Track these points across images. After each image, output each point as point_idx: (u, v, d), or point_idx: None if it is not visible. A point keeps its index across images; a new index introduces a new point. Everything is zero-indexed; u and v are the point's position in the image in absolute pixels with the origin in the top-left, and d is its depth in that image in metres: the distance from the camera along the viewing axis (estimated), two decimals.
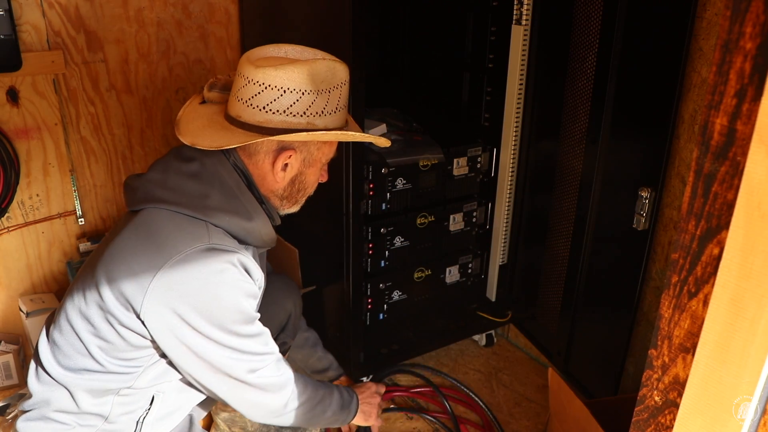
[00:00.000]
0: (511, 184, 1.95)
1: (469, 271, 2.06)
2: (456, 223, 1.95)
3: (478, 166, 1.92)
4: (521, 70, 1.79)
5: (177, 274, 1.07)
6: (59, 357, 1.18)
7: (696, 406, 0.59)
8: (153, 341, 1.14)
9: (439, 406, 1.87)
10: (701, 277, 0.55)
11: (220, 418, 1.64)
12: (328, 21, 1.57)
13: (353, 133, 1.19)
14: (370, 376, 1.95)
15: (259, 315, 1.22)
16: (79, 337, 1.15)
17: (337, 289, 1.81)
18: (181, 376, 1.24)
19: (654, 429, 0.65)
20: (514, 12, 1.75)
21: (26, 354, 1.97)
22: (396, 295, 1.93)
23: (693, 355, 0.58)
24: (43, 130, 1.84)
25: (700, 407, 0.58)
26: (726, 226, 0.52)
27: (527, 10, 1.72)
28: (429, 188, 1.85)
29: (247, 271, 1.16)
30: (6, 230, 1.87)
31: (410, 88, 2.25)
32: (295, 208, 1.30)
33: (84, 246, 1.97)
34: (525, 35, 1.75)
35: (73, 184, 1.93)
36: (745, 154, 0.49)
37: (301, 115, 1.12)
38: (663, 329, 0.60)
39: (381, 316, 1.93)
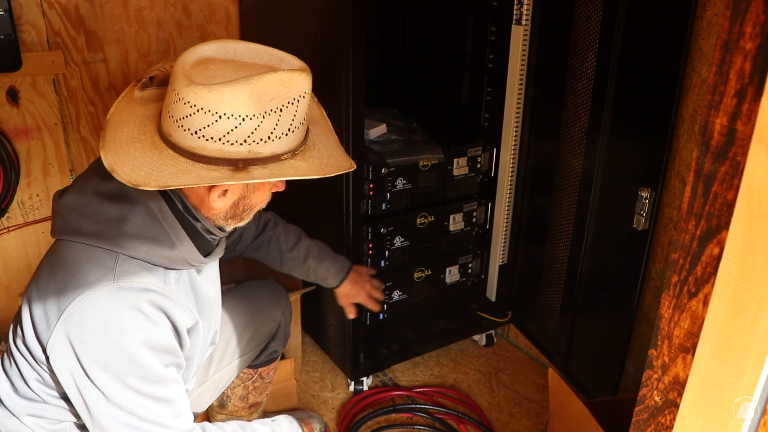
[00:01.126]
0: (511, 184, 1.95)
1: (469, 271, 2.06)
2: (456, 223, 1.95)
3: (478, 166, 1.92)
4: (521, 70, 1.79)
5: (78, 317, 0.97)
6: (12, 385, 1.13)
7: (696, 406, 0.59)
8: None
9: (439, 405, 1.87)
10: (701, 277, 0.55)
11: (218, 420, 1.65)
12: (328, 21, 1.57)
13: (293, 175, 0.97)
14: (370, 377, 1.95)
15: (173, 376, 1.07)
16: (19, 368, 1.10)
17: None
18: None
19: (654, 429, 0.65)
20: (514, 12, 1.75)
21: None
22: (396, 295, 1.93)
23: (693, 355, 0.58)
24: (43, 130, 1.84)
25: (700, 407, 0.58)
26: (726, 226, 0.52)
27: (527, 10, 1.73)
28: (429, 188, 1.85)
29: (163, 311, 1.03)
30: (6, 230, 1.87)
31: (410, 88, 2.25)
32: (243, 223, 1.14)
33: None
34: (525, 35, 1.75)
35: None
36: (745, 154, 0.49)
37: (241, 144, 0.93)
38: (663, 329, 0.61)
39: (381, 316, 1.93)
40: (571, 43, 1.66)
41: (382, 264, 1.86)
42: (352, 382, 1.93)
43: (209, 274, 1.24)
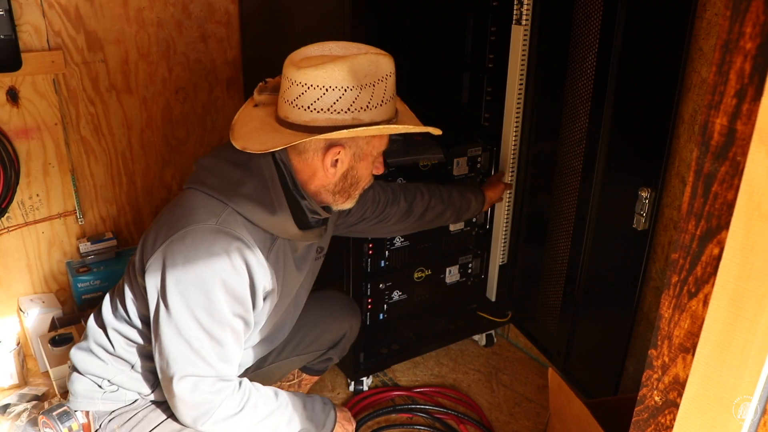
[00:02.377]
0: (511, 184, 1.95)
1: (469, 271, 2.06)
2: (456, 223, 1.95)
3: (478, 166, 1.92)
4: (521, 70, 1.79)
5: (179, 243, 1.14)
6: (113, 302, 1.33)
7: (696, 406, 0.59)
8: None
9: (439, 406, 1.87)
10: (701, 277, 0.55)
11: None
12: (328, 21, 1.57)
13: (397, 126, 1.19)
14: (370, 377, 1.95)
15: (235, 325, 1.19)
16: (123, 289, 1.29)
17: (337, 289, 1.81)
18: None
19: (654, 429, 0.65)
20: (514, 12, 1.75)
21: (26, 354, 1.97)
22: (396, 295, 1.93)
23: (693, 355, 0.58)
24: (43, 130, 1.84)
25: (700, 407, 0.58)
26: (726, 226, 0.52)
27: (527, 10, 1.72)
28: None
29: (247, 264, 1.17)
30: (6, 230, 1.87)
31: (410, 88, 2.24)
32: (349, 204, 1.31)
33: (84, 246, 1.97)
34: (525, 35, 1.75)
35: (73, 184, 1.93)
36: (745, 154, 0.49)
37: (346, 112, 1.13)
38: (663, 329, 0.61)
39: (381, 316, 1.93)
40: (571, 43, 1.66)
41: (382, 264, 1.86)
42: (352, 382, 1.93)
43: (305, 258, 1.38)
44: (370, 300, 1.88)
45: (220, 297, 1.15)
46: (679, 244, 0.57)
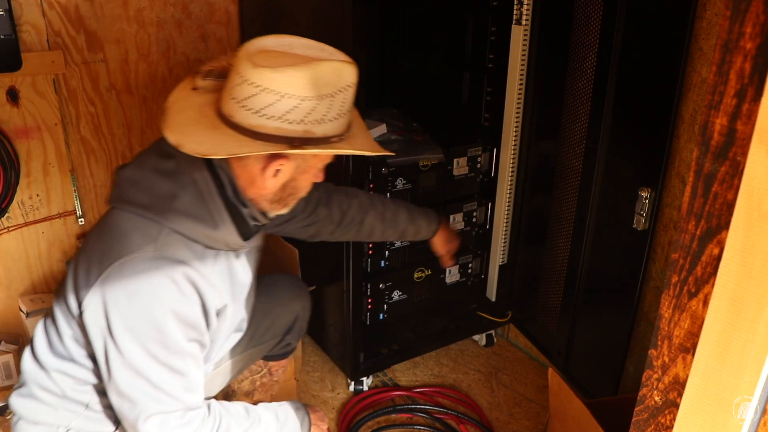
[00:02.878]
0: (511, 184, 1.95)
1: (469, 271, 2.06)
2: (456, 223, 1.95)
3: (478, 166, 1.92)
4: (521, 70, 1.79)
5: (116, 277, 1.04)
6: (49, 340, 1.20)
7: (696, 406, 0.59)
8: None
9: (439, 406, 1.87)
10: (701, 277, 0.55)
11: None
12: (328, 21, 1.57)
13: (349, 150, 1.09)
14: (370, 377, 1.95)
15: (193, 351, 1.12)
16: (57, 325, 1.17)
17: (337, 289, 1.81)
18: None
19: (654, 429, 0.65)
20: (514, 12, 1.75)
21: None
22: (396, 295, 1.93)
23: (693, 355, 0.58)
24: (43, 130, 1.84)
25: (700, 407, 0.58)
26: (726, 226, 0.52)
27: (527, 10, 1.72)
28: (429, 188, 1.85)
29: (196, 288, 1.09)
30: (6, 230, 1.87)
31: (410, 88, 2.25)
32: (284, 210, 1.22)
33: None
34: (525, 35, 1.75)
35: (73, 184, 1.93)
36: (745, 154, 0.49)
37: (299, 123, 1.02)
38: (663, 329, 0.61)
39: (381, 316, 1.93)
40: (571, 43, 1.66)
41: (382, 264, 1.86)
42: (352, 382, 1.93)
43: (247, 262, 1.29)
44: (370, 300, 1.88)
45: (173, 327, 1.06)
46: (679, 244, 0.57)
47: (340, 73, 1.04)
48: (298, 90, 1.00)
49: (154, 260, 1.05)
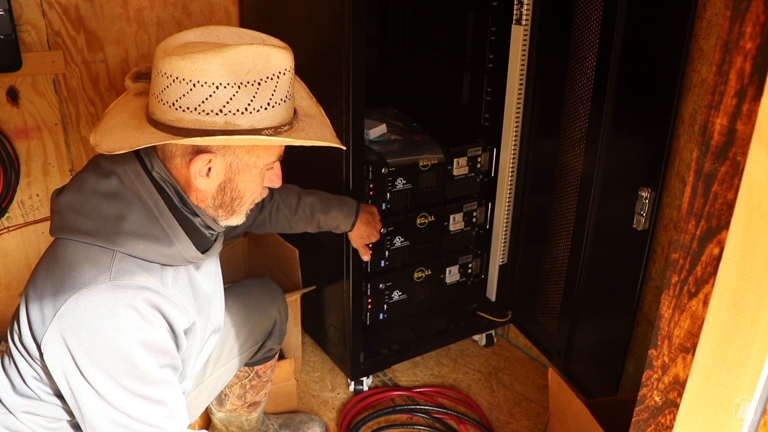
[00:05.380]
0: (511, 184, 1.95)
1: (469, 271, 2.06)
2: (456, 223, 1.95)
3: (478, 166, 1.92)
4: (521, 70, 1.79)
5: (74, 314, 0.96)
6: (10, 382, 1.13)
7: (696, 406, 0.59)
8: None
9: (439, 406, 1.87)
10: (701, 277, 0.55)
11: (217, 418, 1.65)
12: (328, 21, 1.57)
13: (279, 138, 0.97)
14: (370, 377, 1.95)
15: (167, 377, 1.05)
16: (17, 365, 1.09)
17: (337, 289, 1.82)
18: None
19: (654, 429, 0.64)
20: (514, 12, 1.75)
21: None
22: (396, 295, 1.93)
23: (693, 355, 0.57)
24: (43, 130, 1.84)
25: (700, 407, 0.58)
26: (726, 226, 0.52)
27: (527, 10, 1.72)
28: (429, 188, 1.85)
29: (160, 311, 1.02)
30: (6, 230, 1.87)
31: (410, 88, 2.25)
32: (236, 219, 1.12)
33: None
34: (525, 35, 1.75)
35: None
36: (745, 154, 0.49)
37: (217, 113, 0.94)
38: (663, 329, 0.60)
39: (381, 316, 1.93)
40: (571, 43, 1.66)
41: (382, 264, 1.86)
42: (352, 382, 1.93)
43: (208, 270, 1.23)
44: (370, 300, 1.88)
45: (143, 358, 0.99)
46: (679, 244, 0.57)
47: (267, 58, 0.95)
48: (210, 77, 0.92)
49: (110, 290, 0.97)
